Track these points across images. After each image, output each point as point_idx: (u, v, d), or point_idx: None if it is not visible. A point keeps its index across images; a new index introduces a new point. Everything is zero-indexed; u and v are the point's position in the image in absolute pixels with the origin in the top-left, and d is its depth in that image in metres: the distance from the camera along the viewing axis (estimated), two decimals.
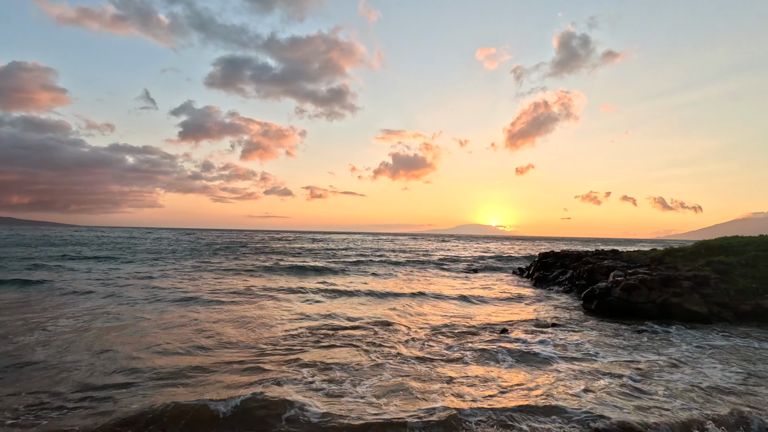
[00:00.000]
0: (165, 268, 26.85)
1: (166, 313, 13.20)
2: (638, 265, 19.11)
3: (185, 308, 14.08)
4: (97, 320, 11.91)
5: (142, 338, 10.19)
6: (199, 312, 13.53)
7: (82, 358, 8.52)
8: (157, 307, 14.20)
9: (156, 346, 9.48)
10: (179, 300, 15.53)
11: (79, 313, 12.86)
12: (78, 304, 14.37)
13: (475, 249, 67.12)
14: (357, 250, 54.48)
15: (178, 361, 8.41)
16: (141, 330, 10.98)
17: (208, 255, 39.18)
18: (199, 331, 11.07)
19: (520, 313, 14.61)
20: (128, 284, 19.17)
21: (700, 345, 10.58)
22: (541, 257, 29.82)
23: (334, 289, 19.45)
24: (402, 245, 73.48)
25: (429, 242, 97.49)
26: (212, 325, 11.69)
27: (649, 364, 8.81)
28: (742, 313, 13.76)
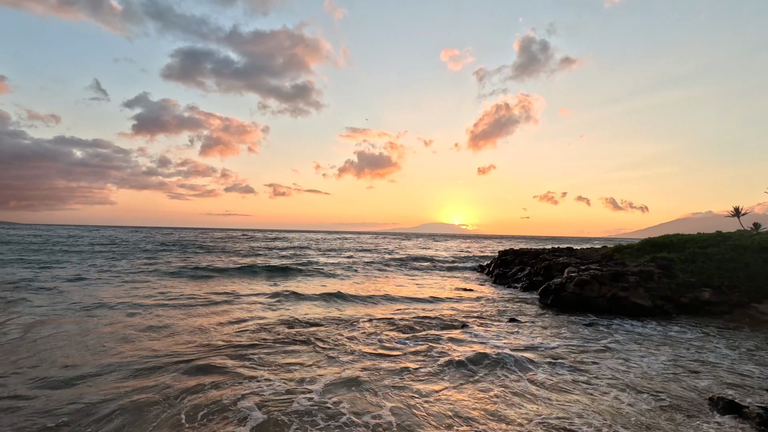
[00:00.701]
0: (94, 269, 23.81)
1: (63, 321, 11.37)
2: (590, 261, 20.12)
3: (91, 315, 12.25)
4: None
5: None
6: (101, 318, 11.89)
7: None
8: (63, 314, 12.26)
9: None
10: (89, 307, 13.34)
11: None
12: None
13: (438, 247, 68.27)
14: (319, 249, 53.79)
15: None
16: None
17: (149, 255, 36.37)
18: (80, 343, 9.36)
19: (481, 309, 15.01)
20: (43, 287, 16.89)
21: (633, 334, 11.31)
22: (500, 255, 30.75)
23: (288, 291, 17.94)
24: (366, 244, 73.47)
25: (393, 241, 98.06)
26: (105, 334, 10.13)
27: (585, 353, 9.32)
28: (681, 306, 14.81)
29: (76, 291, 16.36)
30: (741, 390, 7.25)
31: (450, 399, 6.80)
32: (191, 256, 35.51)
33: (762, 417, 5.82)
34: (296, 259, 36.13)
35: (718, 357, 9.34)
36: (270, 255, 39.91)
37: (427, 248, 63.32)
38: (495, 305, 15.90)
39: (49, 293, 15.69)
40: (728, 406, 6.26)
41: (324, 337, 10.56)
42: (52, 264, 26.04)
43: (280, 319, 12.37)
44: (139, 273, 22.98)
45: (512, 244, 74.99)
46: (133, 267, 25.81)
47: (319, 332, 11.03)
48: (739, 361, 9.06)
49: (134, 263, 28.28)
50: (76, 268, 24.43)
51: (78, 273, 21.90)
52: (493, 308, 15.21)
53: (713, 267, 16.18)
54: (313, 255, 41.79)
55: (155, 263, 28.55)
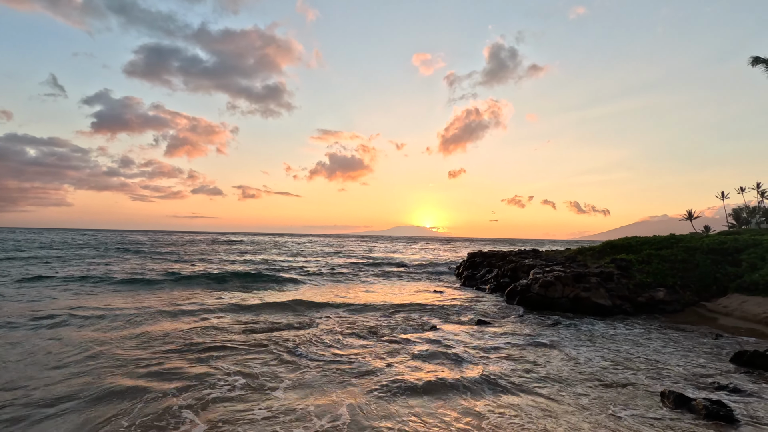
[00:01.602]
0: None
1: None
2: (555, 263, 20.77)
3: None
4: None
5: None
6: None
7: None
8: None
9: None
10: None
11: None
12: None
13: (409, 250, 68.69)
14: (286, 252, 52.81)
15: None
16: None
17: (90, 259, 33.76)
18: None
19: (449, 311, 15.19)
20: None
21: (583, 331, 11.77)
22: (469, 257, 31.29)
23: (233, 304, 15.20)
24: (336, 247, 72.99)
25: (364, 243, 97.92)
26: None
27: (536, 351, 9.63)
28: (638, 305, 15.51)
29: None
30: (666, 381, 7.67)
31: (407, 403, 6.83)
32: (156, 260, 34.10)
33: (708, 409, 6.16)
34: (256, 264, 33.62)
35: (654, 353, 9.84)
36: (228, 260, 36.76)
37: (398, 251, 63.58)
38: (463, 307, 16.12)
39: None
40: (678, 399, 6.59)
41: (281, 341, 10.38)
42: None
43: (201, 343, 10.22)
44: (64, 282, 20.00)
45: (481, 247, 76.41)
46: (63, 274, 23.17)
47: (277, 339, 10.84)
48: (669, 355, 9.58)
49: (65, 270, 25.62)
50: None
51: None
52: (461, 310, 15.42)
53: (667, 267, 17.07)
54: (278, 259, 40.07)
55: (91, 269, 26.13)
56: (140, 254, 41.48)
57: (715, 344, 10.69)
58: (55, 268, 26.01)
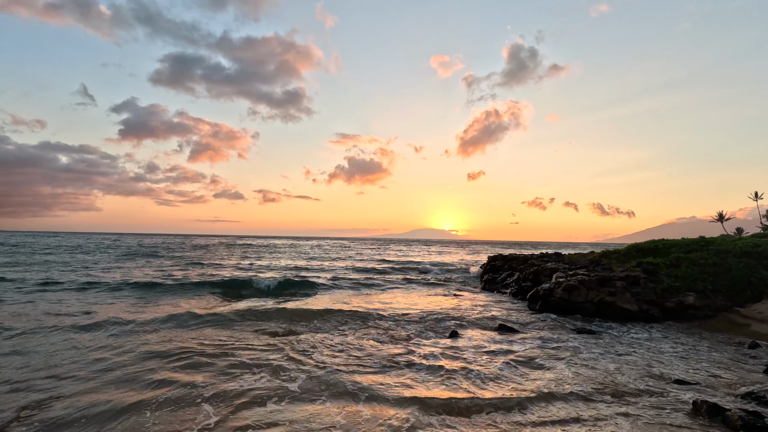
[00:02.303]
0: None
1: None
2: (578, 266, 20.33)
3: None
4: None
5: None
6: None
7: None
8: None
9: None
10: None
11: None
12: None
13: (428, 253, 68.39)
14: (305, 256, 53.30)
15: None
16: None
17: (113, 262, 35.07)
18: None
19: (470, 316, 15.03)
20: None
21: (609, 337, 11.44)
22: (489, 260, 30.91)
23: (258, 310, 14.64)
24: (354, 250, 73.28)
25: (382, 247, 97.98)
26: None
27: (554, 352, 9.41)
28: (666, 310, 15.01)
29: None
30: (704, 392, 7.38)
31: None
32: (174, 263, 34.94)
33: (744, 420, 5.91)
34: (274, 271, 33.34)
35: (683, 360, 9.49)
36: (243, 265, 35.90)
37: (417, 254, 63.37)
38: (485, 312, 15.94)
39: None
40: (711, 409, 6.34)
41: (301, 349, 10.47)
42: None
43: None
44: (71, 291, 19.16)
45: (501, 250, 75.49)
46: (78, 276, 24.08)
47: (296, 344, 10.94)
48: (700, 363, 9.21)
49: (84, 272, 26.74)
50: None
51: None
52: (482, 315, 15.24)
53: (697, 271, 16.48)
54: (297, 264, 39.20)
55: (110, 272, 26.87)
56: (177, 258, 42.54)
57: (749, 352, 10.25)
58: (86, 270, 27.03)
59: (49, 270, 27.15)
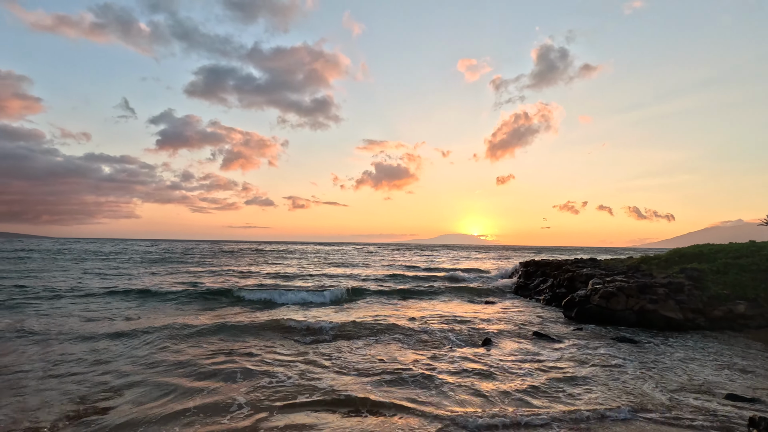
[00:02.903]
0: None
1: None
2: (616, 273, 19.53)
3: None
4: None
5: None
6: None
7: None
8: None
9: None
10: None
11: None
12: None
13: (457, 258, 67.54)
14: (334, 262, 53.60)
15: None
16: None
17: (140, 266, 36.08)
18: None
19: (503, 323, 14.68)
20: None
21: (653, 348, 10.84)
22: (522, 266, 30.19)
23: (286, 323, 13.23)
24: (381, 256, 73.23)
25: (410, 252, 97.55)
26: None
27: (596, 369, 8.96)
28: (714, 319, 14.17)
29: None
30: None
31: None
32: (202, 269, 35.84)
33: None
34: (306, 275, 32.17)
35: (740, 373, 8.86)
36: (280, 273, 33.47)
37: (446, 260, 62.71)
38: (517, 318, 15.54)
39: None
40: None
41: (328, 354, 10.48)
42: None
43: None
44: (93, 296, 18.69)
45: (533, 255, 73.64)
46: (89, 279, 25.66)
47: (322, 351, 10.95)
48: (755, 377, 8.58)
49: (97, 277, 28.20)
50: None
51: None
52: (515, 322, 14.86)
53: (747, 278, 15.49)
54: (326, 273, 36.12)
55: (129, 278, 27.63)
56: (192, 262, 43.79)
57: None
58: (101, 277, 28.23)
59: (82, 278, 28.49)
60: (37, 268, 32.29)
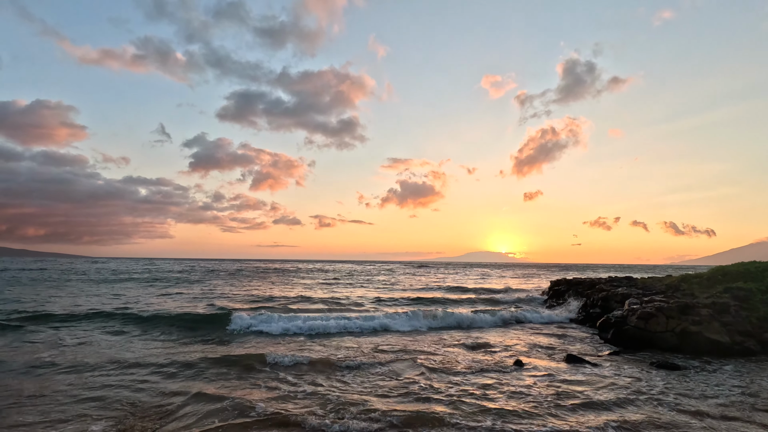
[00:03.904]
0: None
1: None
2: (654, 292, 18.62)
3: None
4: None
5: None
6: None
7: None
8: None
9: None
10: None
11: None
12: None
13: (485, 277, 66.23)
14: (359, 283, 53.26)
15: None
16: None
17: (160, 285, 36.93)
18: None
19: (535, 345, 14.16)
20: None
21: (702, 377, 10.11)
22: (552, 285, 29.29)
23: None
24: (406, 275, 72.53)
25: (435, 271, 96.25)
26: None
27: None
28: (766, 342, 13.20)
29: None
30: None
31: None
32: (222, 288, 36.31)
33: None
34: (325, 304, 25.19)
35: None
36: (311, 296, 29.20)
37: (473, 279, 61.57)
38: (550, 340, 14.96)
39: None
40: None
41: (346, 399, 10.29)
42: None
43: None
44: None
45: (563, 273, 71.29)
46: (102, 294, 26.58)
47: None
48: None
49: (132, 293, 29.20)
50: None
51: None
52: (548, 344, 14.30)
53: None
54: (350, 295, 32.29)
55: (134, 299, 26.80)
56: (215, 282, 44.50)
57: None
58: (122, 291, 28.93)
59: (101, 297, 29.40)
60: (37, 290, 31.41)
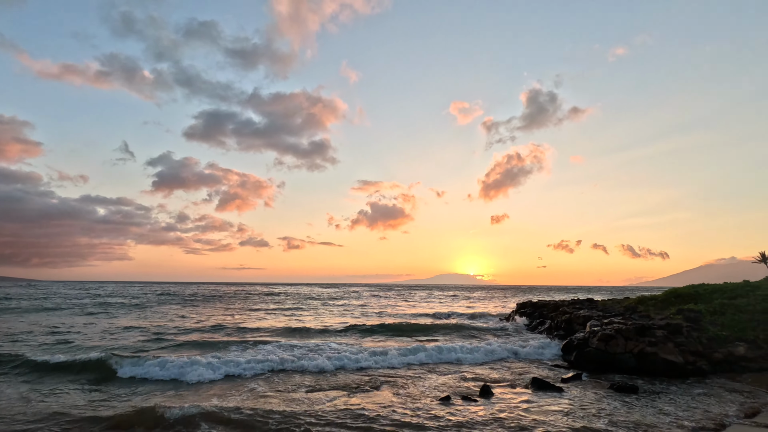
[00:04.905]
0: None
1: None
2: (613, 314, 19.33)
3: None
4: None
5: None
6: None
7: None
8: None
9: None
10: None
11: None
12: None
13: (453, 299, 66.68)
14: (320, 310, 50.81)
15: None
16: None
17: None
18: None
19: (501, 370, 14.30)
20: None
21: (662, 402, 10.54)
22: (518, 307, 29.87)
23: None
24: (371, 299, 72.02)
25: (405, 293, 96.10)
26: None
27: None
28: (715, 362, 13.89)
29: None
30: None
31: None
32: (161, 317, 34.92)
33: None
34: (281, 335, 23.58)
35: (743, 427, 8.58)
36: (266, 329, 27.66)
37: (441, 302, 61.87)
38: (516, 364, 15.16)
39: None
40: None
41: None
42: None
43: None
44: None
45: (529, 295, 72.90)
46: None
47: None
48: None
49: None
50: None
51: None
52: (514, 368, 14.49)
53: (745, 319, 15.39)
54: (308, 327, 31.55)
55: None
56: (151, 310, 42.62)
57: None
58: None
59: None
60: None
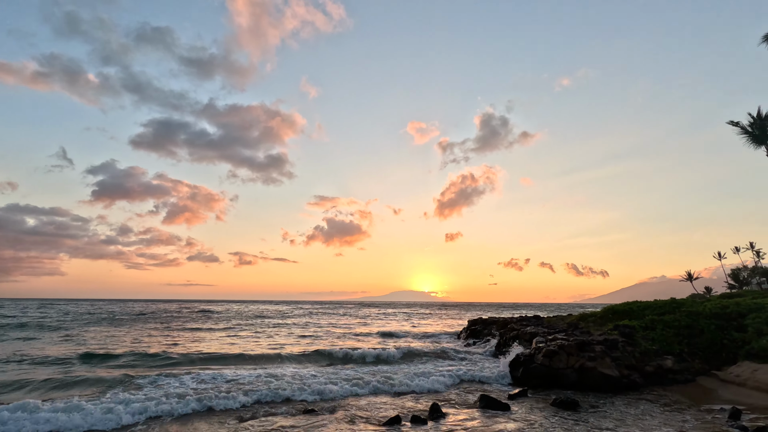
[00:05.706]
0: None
1: None
2: (557, 330, 20.24)
3: None
4: None
5: None
6: None
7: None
8: None
9: None
10: None
11: None
12: None
13: (407, 317, 66.80)
14: (269, 329, 40.34)
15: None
16: None
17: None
18: None
19: (452, 389, 14.44)
20: None
21: (603, 418, 11.13)
22: (470, 324, 30.52)
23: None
24: (329, 317, 70.76)
25: (360, 312, 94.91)
26: None
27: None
28: (647, 374, 14.86)
29: None
30: None
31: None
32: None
33: None
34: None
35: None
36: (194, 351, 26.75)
37: (395, 320, 61.84)
38: (466, 384, 15.38)
39: None
40: None
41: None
42: None
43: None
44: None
45: (481, 311, 74.71)
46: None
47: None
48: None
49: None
50: None
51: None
52: (464, 386, 14.69)
53: (672, 334, 16.64)
54: (250, 346, 29.22)
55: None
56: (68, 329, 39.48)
57: (734, 423, 10.09)
58: None
59: None
60: None
